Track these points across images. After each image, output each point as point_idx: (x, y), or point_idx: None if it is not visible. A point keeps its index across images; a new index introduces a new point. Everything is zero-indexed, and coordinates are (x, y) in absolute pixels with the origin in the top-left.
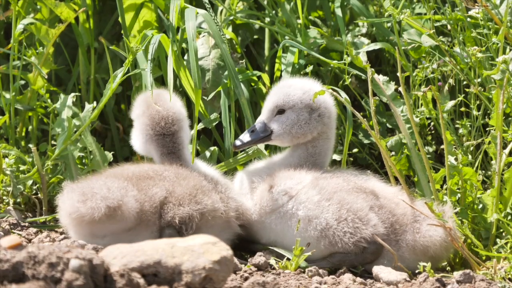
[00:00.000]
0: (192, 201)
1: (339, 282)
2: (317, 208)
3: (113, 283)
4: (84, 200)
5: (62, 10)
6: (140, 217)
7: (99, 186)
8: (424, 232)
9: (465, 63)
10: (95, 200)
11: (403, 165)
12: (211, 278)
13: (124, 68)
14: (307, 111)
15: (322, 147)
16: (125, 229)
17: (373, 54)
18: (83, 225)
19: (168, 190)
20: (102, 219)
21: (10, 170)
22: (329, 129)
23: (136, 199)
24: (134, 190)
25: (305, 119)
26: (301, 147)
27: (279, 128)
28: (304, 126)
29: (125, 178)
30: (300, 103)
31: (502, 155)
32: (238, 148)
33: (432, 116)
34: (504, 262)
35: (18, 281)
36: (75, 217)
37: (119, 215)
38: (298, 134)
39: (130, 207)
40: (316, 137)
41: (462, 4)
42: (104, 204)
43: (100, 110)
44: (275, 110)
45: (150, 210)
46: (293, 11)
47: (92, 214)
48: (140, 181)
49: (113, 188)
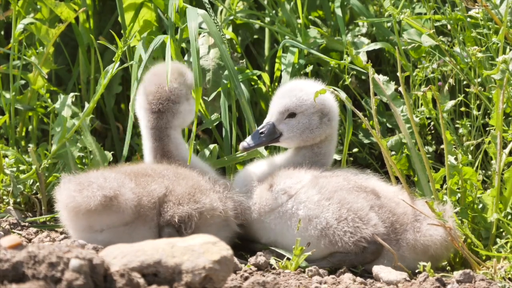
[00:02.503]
0: (191, 200)
1: (339, 282)
2: (317, 207)
3: (113, 283)
4: (80, 190)
5: (62, 10)
6: (138, 211)
7: (95, 176)
8: (424, 231)
9: (465, 63)
10: (91, 189)
11: (403, 165)
12: (211, 278)
13: (114, 63)
14: (318, 116)
15: (327, 148)
16: (122, 222)
17: (373, 54)
18: (79, 217)
19: (168, 188)
20: (98, 209)
21: (10, 170)
22: (334, 131)
23: (134, 191)
24: (132, 183)
25: (316, 123)
26: (306, 147)
27: (289, 131)
28: (316, 131)
29: (122, 173)
30: (313, 108)
31: (502, 155)
32: (247, 150)
33: (432, 116)
34: (504, 261)
35: (18, 281)
36: (71, 206)
37: (116, 205)
38: (308, 138)
39: (127, 198)
40: (323, 139)
41: (462, 4)
42: (101, 193)
43: (94, 105)
44: (286, 113)
45: (148, 205)
46: (293, 11)
47: (88, 203)
48: (139, 177)
49: (110, 178)
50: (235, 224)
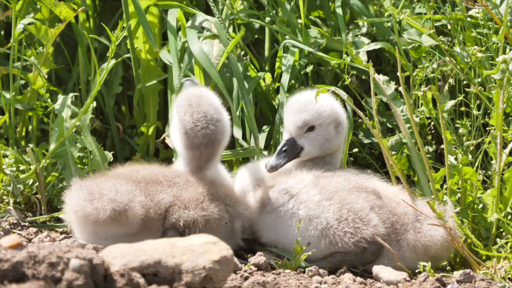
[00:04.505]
0: (198, 207)
1: (339, 282)
2: (317, 207)
3: (113, 283)
4: (91, 200)
5: (61, 9)
6: (144, 224)
7: (107, 187)
8: (425, 231)
9: (465, 63)
10: (102, 201)
11: (403, 165)
12: (211, 277)
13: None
14: (334, 125)
15: (338, 158)
16: (128, 233)
17: (373, 53)
18: (87, 224)
19: (175, 195)
20: (106, 221)
21: (10, 169)
22: (344, 139)
23: (142, 205)
24: (142, 196)
25: (333, 134)
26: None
27: (309, 145)
28: (334, 141)
29: (134, 181)
30: (329, 119)
31: (502, 154)
32: (275, 169)
33: (432, 116)
34: (504, 261)
35: (18, 281)
36: (80, 215)
37: (124, 219)
38: (327, 149)
39: (136, 212)
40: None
41: (462, 4)
42: (111, 207)
43: (91, 102)
44: (305, 127)
45: (155, 217)
46: (294, 11)
47: (97, 215)
48: (149, 186)
49: (121, 191)
50: (240, 237)
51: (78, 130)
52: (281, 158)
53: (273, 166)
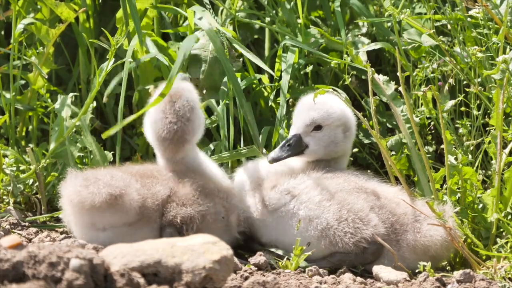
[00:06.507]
0: (195, 203)
1: (339, 282)
2: (318, 208)
3: (113, 283)
4: (86, 185)
5: (62, 10)
6: (142, 213)
7: (102, 173)
8: (425, 231)
9: (465, 63)
10: (97, 185)
11: (403, 165)
12: (211, 277)
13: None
14: (342, 129)
15: (342, 164)
16: (125, 222)
17: (373, 53)
18: (83, 213)
19: (172, 189)
20: (102, 206)
21: (10, 169)
22: (351, 146)
23: (139, 192)
24: (138, 184)
25: (340, 137)
26: (324, 161)
27: (315, 144)
28: (340, 145)
29: (129, 172)
30: (338, 121)
31: (502, 154)
32: (276, 161)
33: (432, 116)
34: (504, 261)
35: (18, 281)
36: (76, 202)
37: (120, 204)
38: (332, 152)
39: (132, 198)
40: (342, 154)
41: (462, 4)
42: (106, 191)
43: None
44: (312, 125)
45: (152, 207)
46: (293, 11)
47: (93, 199)
48: (144, 178)
49: (116, 177)
50: (236, 231)
51: (78, 130)
52: (284, 151)
53: (275, 158)
